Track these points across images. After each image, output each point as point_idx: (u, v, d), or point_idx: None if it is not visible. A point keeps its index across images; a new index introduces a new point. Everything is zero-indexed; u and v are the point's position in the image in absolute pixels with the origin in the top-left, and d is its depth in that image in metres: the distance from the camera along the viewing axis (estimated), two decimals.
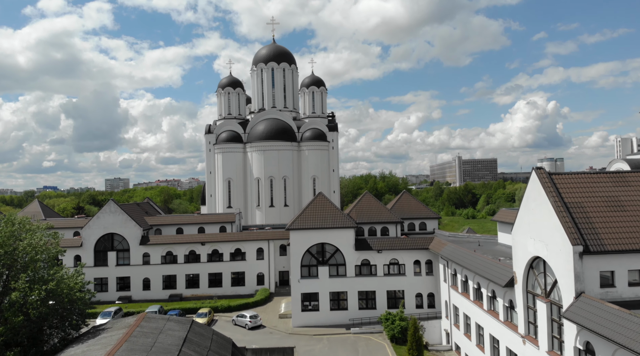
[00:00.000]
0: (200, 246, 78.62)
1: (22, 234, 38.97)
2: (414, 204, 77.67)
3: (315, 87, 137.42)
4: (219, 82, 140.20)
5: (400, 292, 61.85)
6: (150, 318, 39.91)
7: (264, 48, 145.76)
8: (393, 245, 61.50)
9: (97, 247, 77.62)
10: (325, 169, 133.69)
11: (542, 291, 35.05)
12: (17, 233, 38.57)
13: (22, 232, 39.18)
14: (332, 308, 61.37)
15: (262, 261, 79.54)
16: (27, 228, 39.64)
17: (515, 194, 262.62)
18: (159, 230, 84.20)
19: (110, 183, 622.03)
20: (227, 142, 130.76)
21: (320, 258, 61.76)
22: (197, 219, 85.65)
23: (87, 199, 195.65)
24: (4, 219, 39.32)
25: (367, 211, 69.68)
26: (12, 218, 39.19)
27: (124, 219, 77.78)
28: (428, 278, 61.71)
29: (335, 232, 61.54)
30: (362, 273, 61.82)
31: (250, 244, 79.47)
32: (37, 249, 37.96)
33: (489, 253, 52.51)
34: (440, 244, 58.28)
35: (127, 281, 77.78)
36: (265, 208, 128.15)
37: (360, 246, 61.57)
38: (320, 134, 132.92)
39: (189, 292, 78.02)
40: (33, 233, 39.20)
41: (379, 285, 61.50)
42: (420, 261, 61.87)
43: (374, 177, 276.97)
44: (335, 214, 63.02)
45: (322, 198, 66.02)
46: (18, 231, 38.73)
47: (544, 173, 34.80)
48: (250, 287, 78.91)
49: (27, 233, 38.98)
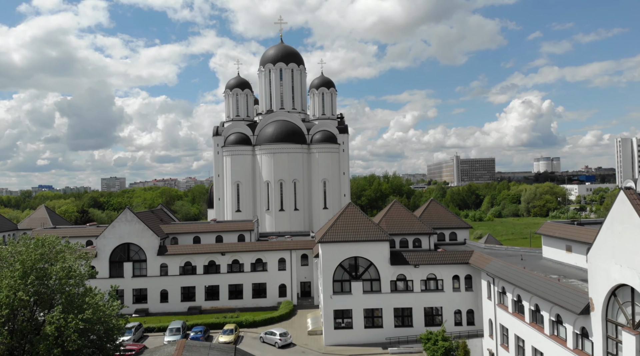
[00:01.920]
0: (220, 256, 75.36)
1: (52, 256, 35.67)
2: (443, 213, 74.61)
3: (325, 88, 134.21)
4: (227, 83, 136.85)
5: (438, 309, 58.85)
6: (191, 347, 36.68)
7: (272, 48, 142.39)
8: (431, 259, 58.47)
9: (112, 257, 74.24)
10: (336, 172, 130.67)
11: (628, 322, 32.08)
12: (47, 256, 35.26)
13: (51, 253, 35.88)
14: (367, 325, 58.28)
15: (284, 271, 76.37)
16: (57, 250, 36.32)
17: (520, 195, 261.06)
18: (175, 239, 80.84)
19: (107, 182, 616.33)
20: (236, 144, 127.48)
21: (354, 272, 58.63)
22: (215, 227, 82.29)
23: (89, 202, 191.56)
24: (33, 240, 35.95)
25: (397, 222, 66.57)
26: (42, 239, 35.82)
27: (140, 229, 74.40)
28: (467, 293, 58.73)
29: (368, 245, 58.42)
30: (398, 288, 58.74)
31: (272, 254, 76.28)
32: (70, 273, 34.65)
33: (535, 268, 49.61)
34: (483, 259, 55.28)
35: (144, 293, 74.46)
36: (275, 212, 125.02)
37: (396, 261, 58.49)
38: (330, 137, 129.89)
39: (209, 304, 74.78)
40: (64, 255, 35.88)
41: (415, 302, 58.44)
42: (459, 276, 58.87)
43: (378, 178, 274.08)
44: (368, 225, 59.90)
45: (353, 208, 62.88)
46: (48, 253, 35.42)
47: (634, 195, 31.77)
48: (272, 299, 75.74)
49: (57, 255, 35.67)
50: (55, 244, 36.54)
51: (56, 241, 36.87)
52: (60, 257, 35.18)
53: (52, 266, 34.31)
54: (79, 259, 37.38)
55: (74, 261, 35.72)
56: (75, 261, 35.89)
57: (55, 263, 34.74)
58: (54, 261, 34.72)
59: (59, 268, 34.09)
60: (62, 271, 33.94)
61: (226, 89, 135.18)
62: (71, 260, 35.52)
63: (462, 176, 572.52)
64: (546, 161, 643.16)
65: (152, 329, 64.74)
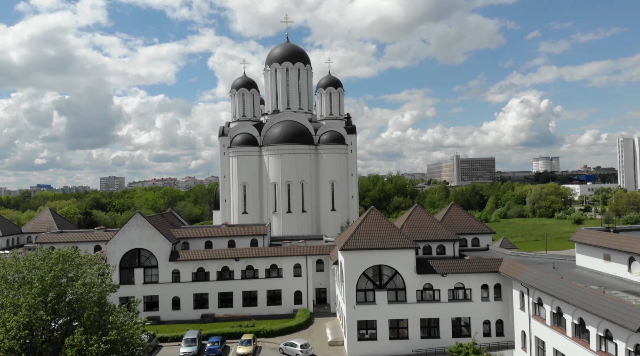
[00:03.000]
0: (234, 261, 72.91)
1: (72, 271, 33.16)
2: (464, 218, 72.26)
3: (332, 88, 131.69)
4: (233, 82, 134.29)
5: (466, 319, 56.48)
6: None
7: (278, 47, 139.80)
8: (459, 268, 56.08)
9: (122, 264, 71.74)
10: (344, 174, 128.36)
11: None
12: (67, 271, 32.75)
13: (71, 268, 33.38)
14: (392, 337, 55.84)
15: (300, 278, 73.93)
16: (77, 262, 33.81)
17: (525, 196, 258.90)
18: (186, 244, 78.27)
19: (105, 182, 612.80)
20: (242, 145, 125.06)
21: (378, 281, 56.22)
22: (227, 231, 79.74)
23: (91, 203, 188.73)
24: (52, 254, 33.42)
25: (420, 227, 64.17)
26: (63, 253, 33.27)
27: (151, 234, 71.90)
28: (497, 303, 56.36)
29: (393, 253, 55.97)
30: (425, 298, 56.33)
31: (287, 259, 73.82)
32: (92, 289, 32.15)
33: (571, 278, 47.39)
34: (515, 268, 52.90)
35: (155, 301, 72.02)
36: (283, 214, 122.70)
37: (423, 269, 56.09)
38: (338, 137, 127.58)
39: (222, 312, 72.34)
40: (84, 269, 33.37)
41: (442, 312, 56.04)
42: (488, 285, 56.48)
43: (382, 178, 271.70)
44: (392, 232, 57.46)
45: (376, 213, 60.43)
46: (68, 268, 32.91)
47: None
48: (287, 306, 73.30)
49: (78, 270, 33.16)
50: (75, 257, 34.01)
51: (75, 254, 34.33)
52: (81, 272, 32.66)
53: (72, 281, 31.79)
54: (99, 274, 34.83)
55: (95, 275, 33.20)
56: (96, 275, 33.36)
57: (75, 278, 32.22)
58: (74, 277, 32.19)
59: (80, 284, 31.58)
60: (84, 288, 31.43)
61: (232, 88, 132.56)
62: (93, 275, 33.00)
63: (462, 176, 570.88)
64: (545, 161, 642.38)
65: (165, 339, 62.31)
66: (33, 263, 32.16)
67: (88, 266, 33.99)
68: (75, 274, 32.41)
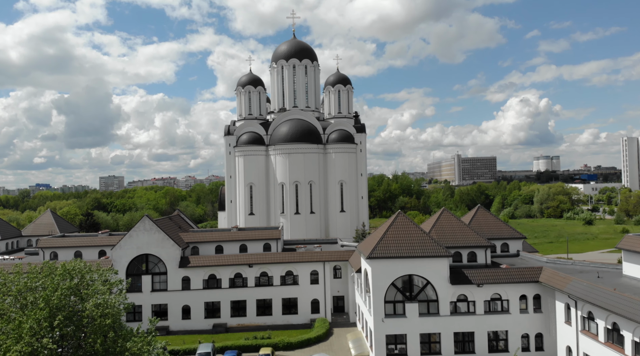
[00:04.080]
0: (248, 268, 68.74)
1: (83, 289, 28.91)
2: (492, 222, 68.07)
3: (341, 86, 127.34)
4: (239, 80, 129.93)
5: (502, 333, 52.32)
6: None
7: (284, 44, 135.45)
8: (496, 278, 51.89)
9: (129, 270, 67.50)
10: (353, 174, 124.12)
11: None
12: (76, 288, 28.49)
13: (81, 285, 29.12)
14: (423, 352, 51.69)
15: (317, 285, 69.75)
16: (87, 280, 29.53)
17: (533, 196, 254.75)
18: (195, 248, 73.92)
19: (105, 181, 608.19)
20: (249, 144, 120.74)
21: (408, 292, 52.03)
22: (239, 235, 75.44)
23: (92, 203, 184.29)
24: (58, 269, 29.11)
25: (449, 233, 59.98)
26: (71, 269, 28.99)
27: (160, 238, 67.67)
28: (536, 315, 52.23)
29: (425, 262, 51.79)
30: (458, 310, 52.16)
31: (304, 266, 69.63)
32: (105, 311, 27.91)
33: (621, 289, 43.20)
34: (558, 278, 48.73)
35: (164, 309, 67.81)
36: (291, 215, 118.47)
37: (457, 279, 51.91)
38: (347, 136, 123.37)
39: (235, 321, 68.18)
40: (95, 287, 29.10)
41: (478, 325, 51.89)
42: (526, 296, 52.34)
43: (387, 178, 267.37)
44: (422, 239, 53.27)
45: (404, 218, 56.19)
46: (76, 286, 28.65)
47: None
48: (304, 316, 69.12)
49: (88, 288, 28.89)
50: (85, 273, 29.73)
51: (85, 269, 30.06)
52: (92, 290, 28.40)
53: (83, 301, 27.52)
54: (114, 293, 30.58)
55: (108, 292, 28.96)
56: (109, 293, 29.13)
57: (86, 297, 27.96)
58: (84, 296, 27.93)
59: (92, 305, 27.33)
60: (97, 309, 27.18)
61: (237, 86, 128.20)
62: (106, 293, 28.75)
63: (463, 175, 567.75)
64: (546, 160, 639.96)
65: (177, 352, 58.03)
66: (36, 280, 27.90)
67: (99, 282, 29.72)
68: (85, 293, 28.17)
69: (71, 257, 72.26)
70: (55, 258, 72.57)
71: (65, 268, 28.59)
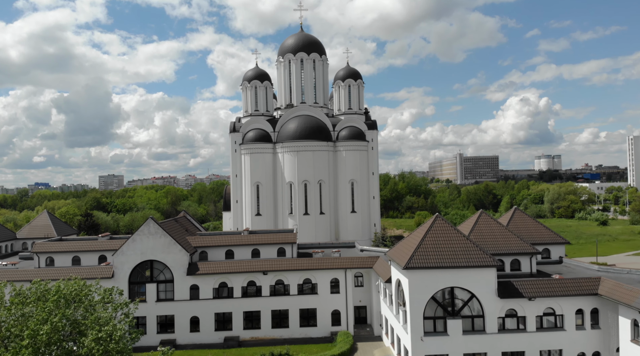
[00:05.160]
0: (262, 275, 62.67)
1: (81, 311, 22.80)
2: (532, 225, 61.98)
3: (351, 80, 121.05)
4: (244, 75, 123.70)
5: (556, 352, 46.24)
6: None
7: (292, 37, 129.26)
8: (550, 290, 45.81)
9: (132, 278, 61.40)
10: (364, 172, 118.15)
11: None
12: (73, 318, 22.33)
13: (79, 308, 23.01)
14: None
15: (338, 295, 63.67)
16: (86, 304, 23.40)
17: (542, 195, 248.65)
18: (204, 253, 67.74)
19: (104, 180, 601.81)
20: (255, 141, 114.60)
21: (450, 307, 45.94)
22: (251, 239, 69.26)
23: (91, 203, 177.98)
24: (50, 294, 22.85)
25: (489, 238, 53.92)
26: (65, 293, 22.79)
27: (166, 243, 61.57)
28: (594, 332, 46.17)
29: (469, 272, 45.71)
30: (507, 327, 46.08)
31: (323, 273, 63.56)
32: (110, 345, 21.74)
33: None
34: (623, 291, 42.66)
35: (171, 321, 61.74)
36: (300, 216, 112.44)
37: (506, 292, 45.81)
38: (358, 133, 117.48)
39: (248, 334, 62.13)
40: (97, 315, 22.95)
41: (529, 344, 45.83)
42: (583, 311, 46.28)
43: (393, 177, 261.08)
44: (465, 246, 47.16)
45: (442, 222, 50.06)
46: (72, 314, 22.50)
47: None
48: (323, 328, 63.04)
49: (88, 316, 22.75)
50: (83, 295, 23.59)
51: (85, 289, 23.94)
52: (92, 320, 22.27)
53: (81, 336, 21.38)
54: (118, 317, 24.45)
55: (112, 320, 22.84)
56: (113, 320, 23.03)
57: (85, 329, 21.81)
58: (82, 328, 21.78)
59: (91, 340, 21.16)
60: (97, 346, 21.03)
61: (243, 81, 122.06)
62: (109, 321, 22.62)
63: (465, 174, 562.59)
64: (547, 159, 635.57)
65: None
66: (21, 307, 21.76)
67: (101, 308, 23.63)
68: (83, 323, 22.07)
69: (68, 263, 66.25)
70: (52, 263, 66.49)
71: (60, 292, 22.39)
